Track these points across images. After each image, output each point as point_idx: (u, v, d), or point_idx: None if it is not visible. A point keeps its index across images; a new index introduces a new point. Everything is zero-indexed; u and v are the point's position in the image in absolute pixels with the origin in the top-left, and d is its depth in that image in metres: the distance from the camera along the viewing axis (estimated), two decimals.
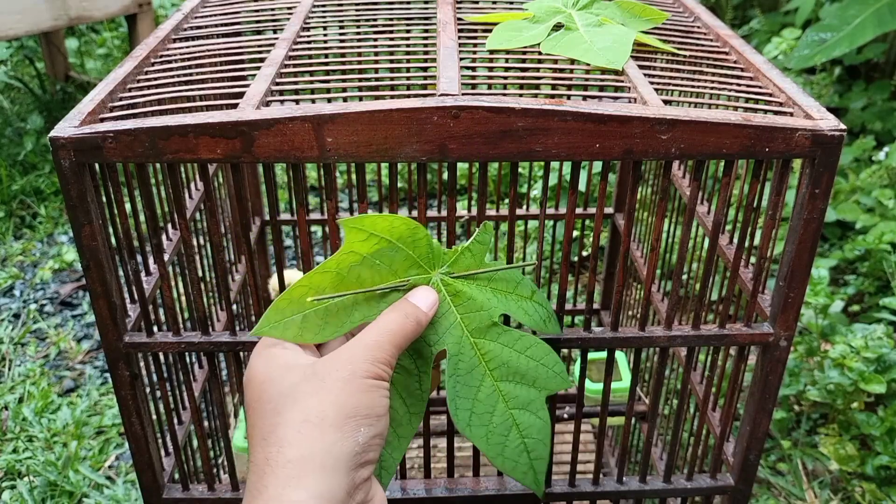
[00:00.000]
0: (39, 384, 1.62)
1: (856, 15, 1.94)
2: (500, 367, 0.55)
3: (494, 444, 0.55)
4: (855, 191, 1.88)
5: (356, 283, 0.52)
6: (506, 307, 0.55)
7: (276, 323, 0.50)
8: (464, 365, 0.54)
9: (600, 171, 0.65)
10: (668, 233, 0.95)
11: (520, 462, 0.56)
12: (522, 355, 0.55)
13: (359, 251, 0.51)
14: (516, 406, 0.55)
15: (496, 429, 0.55)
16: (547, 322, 0.58)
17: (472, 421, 0.55)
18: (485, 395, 0.55)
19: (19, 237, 2.15)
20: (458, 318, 0.54)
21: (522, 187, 2.10)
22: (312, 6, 0.78)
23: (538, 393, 0.56)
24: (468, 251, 0.54)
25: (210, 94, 0.67)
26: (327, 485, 0.45)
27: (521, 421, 0.56)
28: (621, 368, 1.04)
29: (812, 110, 0.57)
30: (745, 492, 0.72)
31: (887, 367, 1.31)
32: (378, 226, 0.51)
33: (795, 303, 0.62)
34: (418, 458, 1.24)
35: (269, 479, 0.45)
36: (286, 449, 0.45)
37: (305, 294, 0.51)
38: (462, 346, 0.54)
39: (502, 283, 0.56)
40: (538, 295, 0.57)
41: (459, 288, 0.54)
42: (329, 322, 0.51)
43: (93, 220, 0.55)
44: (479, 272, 0.55)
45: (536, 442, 0.56)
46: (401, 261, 0.52)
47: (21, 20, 2.18)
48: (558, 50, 0.64)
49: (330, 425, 0.45)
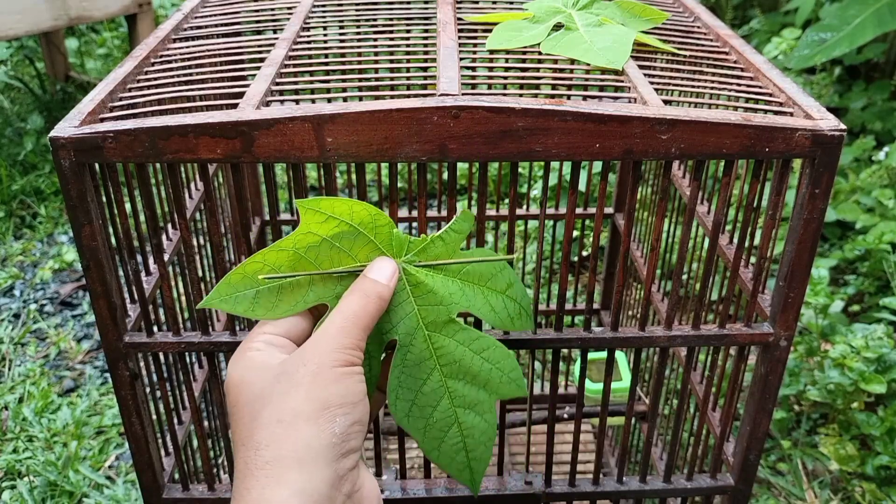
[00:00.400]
0: (39, 384, 1.62)
1: (856, 15, 1.94)
2: (452, 364, 0.54)
3: (432, 438, 0.54)
4: (855, 191, 1.88)
5: (313, 265, 0.51)
6: (469, 303, 0.53)
7: (228, 297, 0.50)
8: (412, 357, 0.53)
9: (600, 171, 0.65)
10: (668, 233, 0.95)
11: (456, 459, 0.55)
12: (478, 356, 0.54)
13: (317, 232, 0.50)
14: (462, 405, 0.54)
15: (436, 423, 0.54)
16: (515, 319, 0.55)
17: (411, 412, 0.54)
18: (430, 389, 0.54)
19: (19, 237, 2.15)
20: (414, 309, 0.53)
21: (522, 187, 2.10)
22: (312, 6, 0.78)
23: (488, 396, 0.54)
24: (440, 239, 0.53)
25: (210, 94, 0.67)
26: (308, 480, 0.44)
27: (464, 420, 0.54)
28: (621, 368, 1.04)
29: (812, 110, 0.57)
30: (745, 492, 0.72)
31: (887, 367, 1.31)
32: (337, 209, 0.50)
33: (795, 303, 0.62)
34: (418, 458, 1.24)
35: (250, 483, 0.45)
36: (263, 451, 0.45)
37: (259, 270, 0.50)
38: (414, 337, 0.53)
39: (475, 275, 0.54)
40: (514, 289, 0.55)
41: (421, 279, 0.52)
42: (283, 300, 0.50)
43: (93, 220, 0.55)
44: (442, 263, 0.53)
45: (477, 443, 0.55)
46: (361, 246, 0.51)
47: (21, 20, 2.18)
48: (558, 50, 0.64)
49: (304, 421, 0.45)
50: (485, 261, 0.54)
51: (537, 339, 0.63)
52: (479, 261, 0.54)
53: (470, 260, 0.53)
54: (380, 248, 0.52)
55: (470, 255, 0.53)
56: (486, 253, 0.54)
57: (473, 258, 0.53)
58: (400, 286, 0.52)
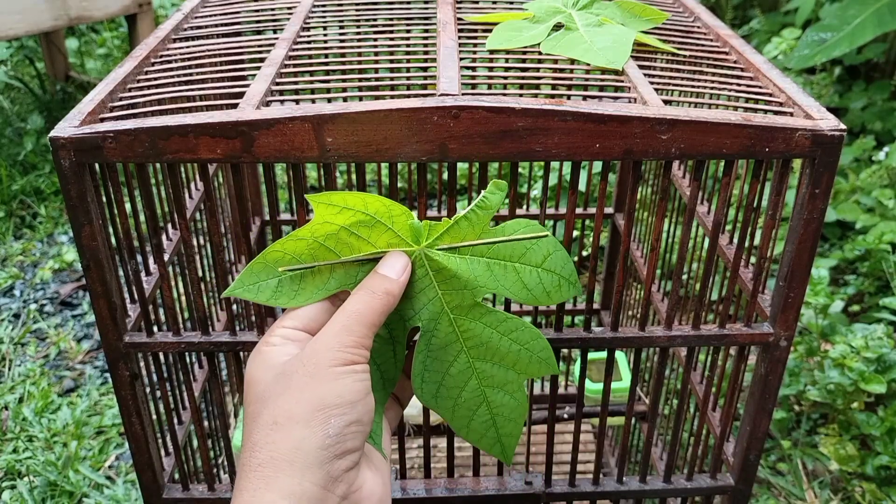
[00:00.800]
0: (39, 384, 1.62)
1: (856, 15, 1.94)
2: (479, 347, 0.53)
3: (461, 416, 0.54)
4: (855, 191, 1.88)
5: (333, 252, 0.50)
6: (497, 283, 0.51)
7: (251, 286, 0.50)
8: (438, 341, 0.52)
9: (600, 171, 0.65)
10: (668, 233, 0.95)
11: (487, 435, 0.55)
12: (505, 337, 0.52)
13: (334, 221, 0.49)
14: (490, 385, 0.53)
15: (465, 403, 0.54)
16: (552, 293, 0.53)
17: (439, 393, 0.53)
18: (457, 371, 0.53)
19: (19, 237, 2.15)
20: (438, 295, 0.51)
21: (522, 187, 2.10)
22: (312, 6, 0.78)
23: (517, 376, 0.53)
24: (465, 219, 0.51)
25: (210, 94, 0.67)
26: (298, 482, 0.44)
27: (493, 399, 0.54)
28: (621, 368, 1.04)
29: (812, 110, 0.57)
30: (745, 492, 0.72)
31: (887, 367, 1.31)
32: (350, 201, 0.49)
33: (795, 303, 0.62)
34: (418, 458, 1.24)
35: (243, 484, 0.45)
36: (257, 452, 0.45)
37: (280, 259, 0.50)
38: (439, 322, 0.52)
39: (505, 252, 0.52)
40: (552, 259, 0.52)
41: (444, 263, 0.51)
42: (305, 288, 0.50)
43: (93, 220, 0.55)
44: (466, 244, 0.51)
45: (507, 420, 0.54)
46: (380, 234, 0.50)
47: (21, 20, 2.18)
48: (558, 50, 0.64)
49: (297, 423, 0.45)
50: (512, 240, 0.51)
51: None
52: (506, 240, 0.51)
53: (495, 240, 0.51)
54: (399, 235, 0.50)
55: (500, 232, 0.51)
56: (519, 226, 0.51)
57: (500, 237, 0.51)
58: (422, 272, 0.51)
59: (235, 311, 0.98)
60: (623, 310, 1.14)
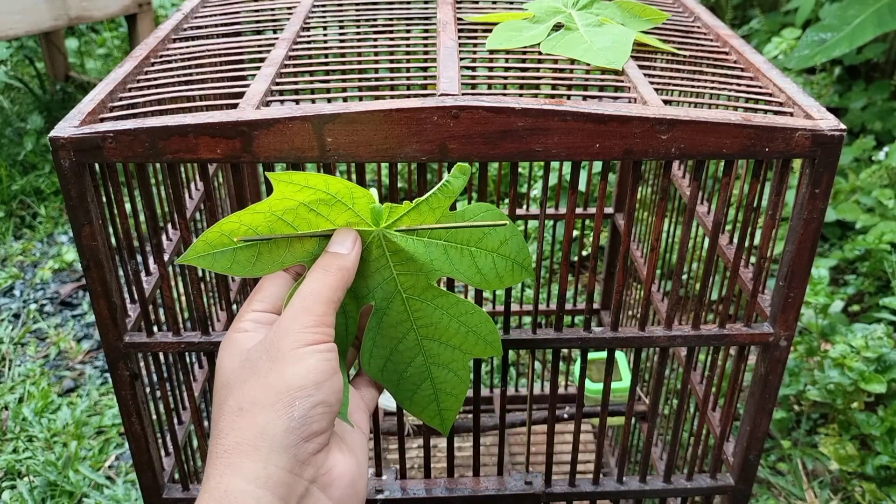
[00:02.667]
0: (39, 384, 1.62)
1: (856, 15, 1.94)
2: (428, 327, 0.54)
3: (405, 389, 0.55)
4: (855, 191, 1.88)
5: (291, 227, 0.50)
6: (452, 267, 0.52)
7: (206, 254, 0.50)
8: (389, 319, 0.53)
9: (600, 171, 0.65)
10: (668, 233, 0.95)
11: (428, 409, 0.56)
12: (455, 319, 0.54)
13: (293, 197, 0.49)
14: (436, 363, 0.55)
15: (409, 378, 0.55)
16: (504, 278, 0.54)
17: (385, 367, 0.54)
18: (405, 348, 0.54)
19: (19, 237, 2.15)
20: (393, 275, 0.52)
21: (522, 187, 2.10)
22: (312, 6, 0.78)
23: (463, 355, 0.55)
24: (426, 203, 0.51)
25: (210, 94, 0.67)
26: (263, 467, 0.44)
27: (437, 375, 0.55)
28: (621, 368, 1.04)
29: (812, 110, 0.57)
30: (745, 492, 0.72)
31: (887, 367, 1.31)
32: (311, 181, 0.49)
33: (795, 303, 0.62)
34: (418, 458, 1.24)
35: (210, 471, 0.45)
36: (222, 439, 0.45)
37: (236, 230, 0.49)
38: (392, 301, 0.53)
39: (462, 236, 0.52)
40: (507, 245, 0.53)
41: (401, 245, 0.51)
42: (261, 259, 0.50)
43: (93, 220, 0.55)
44: (424, 228, 0.51)
45: (448, 395, 0.56)
46: (339, 213, 0.50)
47: (21, 20, 2.18)
48: (558, 50, 0.64)
49: (261, 408, 0.45)
50: (469, 226, 0.52)
51: (537, 339, 0.63)
52: (463, 226, 0.52)
53: (452, 225, 0.52)
54: (358, 215, 0.50)
55: (459, 217, 0.52)
56: (479, 210, 0.52)
57: (458, 223, 0.52)
58: (378, 253, 0.52)
59: (235, 311, 0.98)
60: (623, 310, 1.14)
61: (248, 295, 0.52)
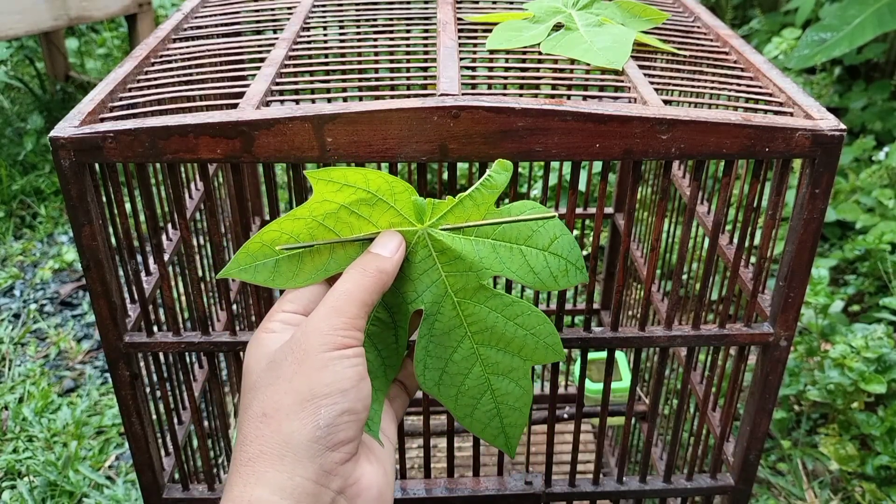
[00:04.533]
0: (39, 384, 1.62)
1: (856, 15, 1.94)
2: (484, 332, 0.51)
3: (464, 405, 0.52)
4: (855, 191, 1.88)
5: (332, 232, 0.48)
6: (503, 266, 0.50)
7: (247, 266, 0.48)
8: (441, 325, 0.51)
9: (600, 171, 0.65)
10: (668, 233, 0.95)
11: (490, 425, 0.53)
12: (511, 322, 0.51)
13: (333, 200, 0.48)
14: (495, 372, 0.52)
15: (468, 391, 0.52)
16: (559, 278, 0.51)
17: (442, 380, 0.51)
18: (461, 357, 0.51)
19: (19, 237, 2.15)
20: (441, 277, 0.50)
21: (522, 187, 2.10)
22: (312, 6, 0.78)
23: (523, 362, 0.52)
24: (469, 199, 0.49)
25: (210, 94, 0.67)
26: (289, 477, 0.43)
27: (497, 387, 0.52)
28: (621, 368, 1.04)
29: (812, 110, 0.57)
30: (745, 492, 0.72)
31: (887, 367, 1.31)
32: (350, 178, 0.47)
33: (795, 303, 0.62)
34: (418, 458, 1.24)
35: (234, 479, 0.44)
36: (246, 446, 0.44)
37: (277, 239, 0.48)
38: (443, 306, 0.50)
39: (511, 233, 0.50)
40: (559, 243, 0.51)
41: (447, 244, 0.49)
42: (303, 269, 0.49)
43: (93, 220, 0.55)
44: (471, 225, 0.49)
45: (511, 409, 0.53)
46: (381, 212, 0.48)
47: (21, 20, 2.18)
48: (558, 50, 0.64)
49: (286, 415, 0.43)
50: (518, 220, 0.49)
51: None
52: (512, 220, 0.49)
53: (501, 220, 0.49)
54: (401, 213, 0.49)
55: (506, 213, 0.49)
56: (524, 207, 0.50)
57: (506, 218, 0.49)
58: (425, 253, 0.49)
59: (235, 311, 0.98)
60: (623, 310, 1.14)
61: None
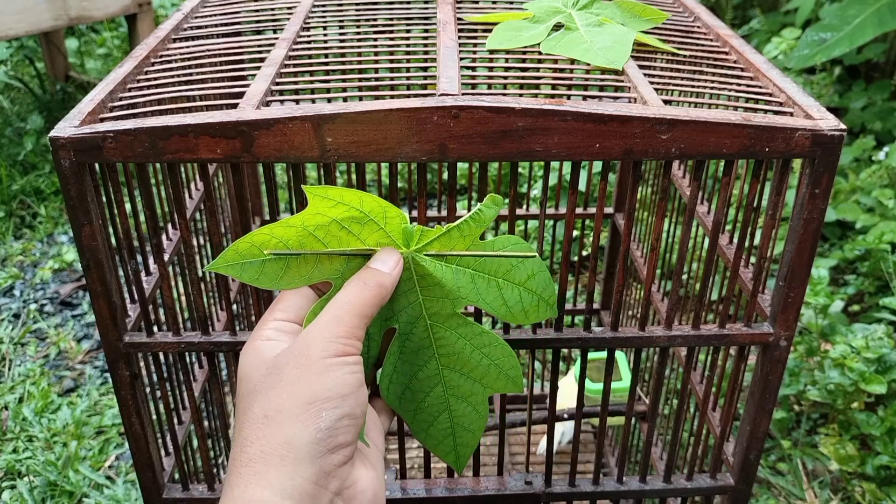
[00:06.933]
0: (39, 384, 1.62)
1: (856, 15, 1.94)
2: (451, 356, 0.53)
3: (421, 420, 0.55)
4: (855, 191, 1.88)
5: (321, 243, 0.50)
6: (479, 296, 0.52)
7: (235, 263, 0.50)
8: (411, 344, 0.53)
9: (600, 171, 0.65)
10: (668, 233, 0.95)
11: (443, 443, 0.56)
12: (478, 350, 0.53)
13: (326, 214, 0.49)
14: (456, 395, 0.54)
15: (427, 408, 0.54)
16: (529, 313, 0.54)
17: (404, 395, 0.54)
18: (425, 376, 0.54)
19: (19, 237, 2.15)
20: (419, 299, 0.52)
21: (522, 187, 2.10)
22: (312, 6, 0.78)
23: (483, 389, 0.54)
24: (457, 229, 0.51)
25: (210, 94, 0.67)
26: (289, 478, 0.43)
27: (455, 408, 0.55)
28: (621, 368, 1.04)
29: (812, 110, 0.57)
30: (745, 492, 0.72)
31: (888, 368, 1.31)
32: (346, 197, 0.49)
33: (795, 303, 0.62)
34: (418, 458, 1.24)
35: (234, 479, 0.44)
36: (247, 447, 0.45)
37: (267, 242, 0.50)
38: (416, 326, 0.53)
39: (491, 266, 0.52)
40: (535, 280, 0.53)
41: (429, 270, 0.52)
42: (289, 273, 0.50)
43: (93, 220, 0.55)
44: (454, 254, 0.52)
45: (466, 430, 0.55)
46: (371, 232, 0.50)
47: (21, 20, 2.18)
48: (558, 50, 0.64)
49: (287, 417, 0.44)
50: (500, 255, 0.52)
51: (537, 339, 0.63)
52: (494, 255, 0.52)
53: (483, 253, 0.52)
54: (389, 235, 0.51)
55: (489, 247, 0.52)
56: (508, 242, 0.52)
57: (488, 251, 0.52)
58: (406, 275, 0.51)
59: (235, 311, 0.98)
60: (623, 310, 1.14)
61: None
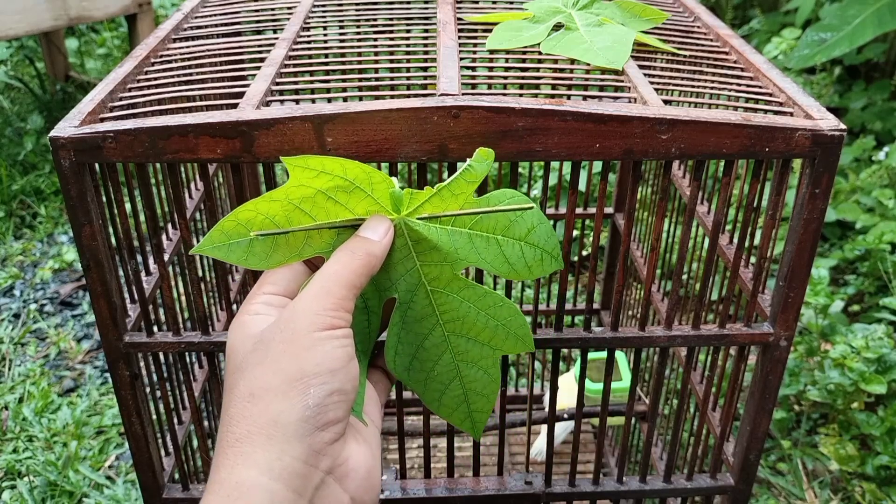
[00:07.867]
0: (39, 384, 1.62)
1: (856, 15, 1.94)
2: (455, 321, 0.51)
3: (433, 390, 0.53)
4: (855, 191, 1.88)
5: (308, 216, 0.48)
6: (479, 256, 0.50)
7: (221, 244, 0.48)
8: (413, 313, 0.51)
9: (600, 171, 0.65)
10: (668, 233, 0.95)
11: (458, 410, 0.54)
12: (483, 312, 0.51)
13: (310, 185, 0.47)
14: (465, 360, 0.52)
15: (437, 377, 0.52)
16: (533, 268, 0.51)
17: (412, 366, 0.52)
18: (431, 345, 0.52)
19: (19, 237, 2.15)
20: (416, 266, 0.50)
21: (522, 187, 2.10)
22: (312, 6, 0.78)
23: (492, 351, 0.52)
24: (448, 189, 0.48)
25: (210, 94, 0.67)
26: (278, 458, 0.42)
27: (466, 374, 0.52)
28: (621, 368, 1.04)
29: (812, 110, 0.57)
30: (745, 492, 0.72)
31: (888, 368, 1.31)
32: (328, 166, 0.47)
33: (795, 303, 0.62)
34: (418, 458, 1.24)
35: (220, 461, 0.43)
36: (233, 427, 0.43)
37: (252, 219, 0.48)
38: (416, 294, 0.50)
39: (489, 224, 0.50)
40: (535, 233, 0.51)
41: (423, 234, 0.49)
42: (278, 250, 0.48)
43: (93, 220, 0.55)
44: (448, 215, 0.49)
45: (479, 395, 0.53)
46: (358, 200, 0.48)
47: (21, 20, 2.18)
48: (558, 50, 0.64)
49: (274, 394, 0.42)
50: (496, 210, 0.49)
51: (537, 338, 0.63)
52: (490, 211, 0.49)
53: (478, 210, 0.49)
54: (378, 202, 0.48)
55: (484, 203, 0.49)
56: (504, 196, 0.50)
57: (484, 207, 0.49)
58: (401, 242, 0.49)
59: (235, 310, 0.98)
60: (623, 310, 1.14)
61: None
